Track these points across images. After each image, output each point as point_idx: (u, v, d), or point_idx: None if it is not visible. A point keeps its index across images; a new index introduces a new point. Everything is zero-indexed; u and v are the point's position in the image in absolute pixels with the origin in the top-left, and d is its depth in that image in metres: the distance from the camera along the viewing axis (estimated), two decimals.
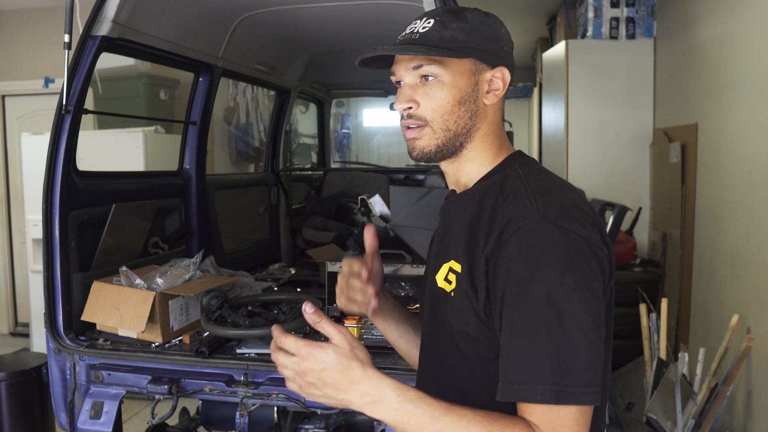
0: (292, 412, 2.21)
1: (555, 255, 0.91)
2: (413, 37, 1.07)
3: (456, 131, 1.07)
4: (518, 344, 0.90)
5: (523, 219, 0.94)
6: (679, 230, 3.99)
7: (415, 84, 1.08)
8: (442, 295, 1.05)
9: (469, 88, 1.07)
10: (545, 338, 0.88)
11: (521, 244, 0.92)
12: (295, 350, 0.94)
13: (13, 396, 3.02)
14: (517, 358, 0.90)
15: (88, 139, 3.91)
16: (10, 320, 5.91)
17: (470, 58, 1.06)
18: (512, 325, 0.92)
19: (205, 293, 2.17)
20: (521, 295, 0.91)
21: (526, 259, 0.92)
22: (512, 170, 1.06)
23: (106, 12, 2.17)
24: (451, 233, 1.08)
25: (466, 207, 1.07)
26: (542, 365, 0.88)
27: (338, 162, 8.46)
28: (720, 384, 2.79)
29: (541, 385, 0.88)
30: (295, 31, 3.18)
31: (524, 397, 0.89)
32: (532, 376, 0.88)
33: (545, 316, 0.89)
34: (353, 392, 0.93)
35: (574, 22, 5.18)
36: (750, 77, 2.99)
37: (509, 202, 0.99)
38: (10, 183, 5.85)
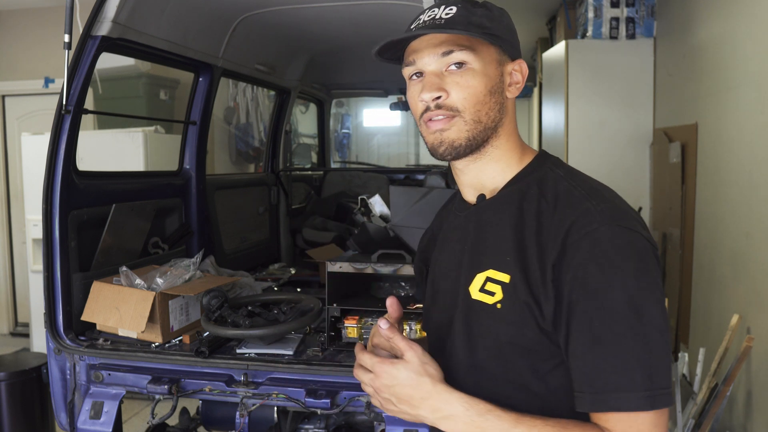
0: (292, 412, 2.21)
1: (630, 258, 0.88)
2: (438, 23, 0.99)
3: (486, 124, 1.01)
4: (603, 353, 0.87)
5: (590, 223, 0.90)
6: (679, 230, 3.99)
7: (441, 72, 1.00)
8: (481, 307, 0.98)
9: (497, 77, 1.02)
10: (631, 344, 0.86)
11: (593, 250, 0.88)
12: (370, 367, 0.96)
13: (13, 396, 3.02)
14: (604, 367, 0.87)
15: (88, 139, 3.92)
16: (10, 320, 5.91)
17: (497, 47, 1.02)
18: (593, 334, 0.87)
19: (205, 293, 2.17)
20: (600, 301, 0.87)
21: (601, 264, 0.88)
22: (548, 171, 1.01)
23: (106, 12, 2.17)
24: (487, 241, 1.01)
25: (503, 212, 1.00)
26: (632, 372, 0.85)
27: (338, 162, 8.46)
28: (720, 384, 2.79)
29: (634, 392, 0.85)
30: (295, 31, 3.18)
31: (616, 406, 0.85)
32: (623, 384, 0.85)
33: (628, 322, 0.86)
34: (425, 408, 0.93)
35: (574, 22, 5.18)
36: (750, 77, 2.99)
37: (562, 205, 0.94)
38: (10, 183, 5.85)
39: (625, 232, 0.89)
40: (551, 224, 0.93)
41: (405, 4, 2.49)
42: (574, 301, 0.89)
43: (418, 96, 1.01)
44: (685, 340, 3.91)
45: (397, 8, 2.59)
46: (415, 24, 1.03)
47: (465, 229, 1.07)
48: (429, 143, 1.03)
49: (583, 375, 0.88)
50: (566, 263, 0.90)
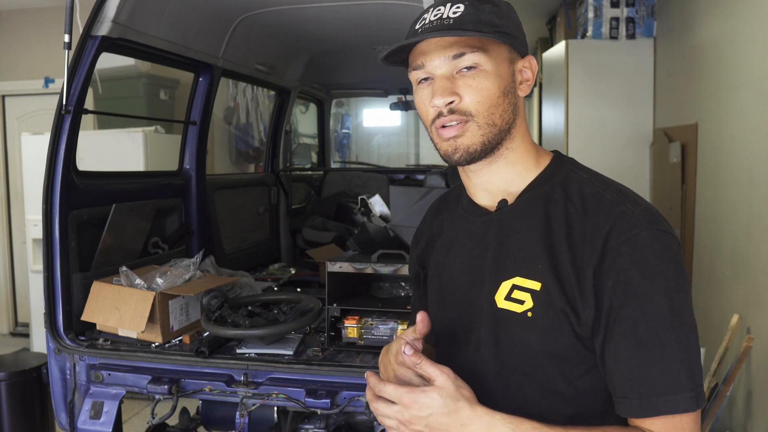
0: (292, 412, 2.21)
1: (669, 261, 0.88)
2: (446, 23, 0.93)
3: (501, 126, 0.97)
4: (648, 357, 0.86)
5: (631, 228, 0.89)
6: (679, 230, 3.99)
7: (451, 75, 0.95)
8: (510, 316, 0.95)
9: (509, 77, 0.98)
10: (675, 347, 0.86)
11: (635, 254, 0.87)
12: (396, 398, 0.88)
13: (13, 396, 3.02)
14: (650, 372, 0.86)
15: (88, 139, 3.91)
16: (10, 320, 5.91)
17: (508, 45, 0.98)
18: (638, 339, 0.86)
19: (205, 293, 2.17)
20: (644, 306, 0.87)
21: (644, 269, 0.87)
22: (570, 173, 0.98)
23: (106, 12, 2.17)
24: (512, 248, 0.97)
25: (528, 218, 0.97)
26: (678, 374, 0.86)
27: (338, 162, 8.45)
28: (720, 384, 2.78)
29: (681, 394, 0.85)
30: (295, 31, 3.18)
31: (666, 409, 0.85)
32: (670, 387, 0.85)
33: (672, 325, 0.86)
34: None
35: (574, 22, 5.18)
36: (750, 77, 2.99)
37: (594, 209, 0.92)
38: (10, 183, 5.85)
39: (663, 236, 0.89)
40: (584, 228, 0.91)
41: (405, 4, 2.49)
42: (617, 306, 0.87)
43: (428, 101, 0.96)
44: None
45: (397, 8, 2.58)
46: (421, 24, 0.97)
47: (485, 235, 1.02)
48: (442, 151, 0.98)
49: (627, 380, 0.87)
50: (607, 268, 0.88)
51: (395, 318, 2.08)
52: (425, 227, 1.21)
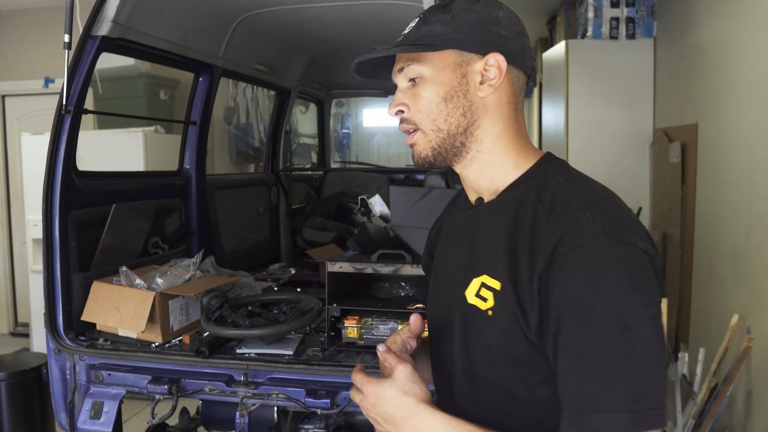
0: (292, 412, 2.21)
1: (620, 273, 0.83)
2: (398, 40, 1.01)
3: (449, 130, 0.99)
4: (587, 372, 0.83)
5: (581, 235, 0.85)
6: (679, 230, 3.99)
7: (406, 87, 1.02)
8: (476, 313, 0.96)
9: (454, 82, 0.98)
10: (617, 363, 0.82)
11: (582, 264, 0.84)
12: (360, 387, 0.96)
13: (13, 396, 3.02)
14: (587, 387, 0.83)
15: (88, 139, 3.91)
16: (10, 320, 5.91)
17: (452, 50, 0.98)
18: (578, 352, 0.84)
19: (205, 293, 2.17)
20: (586, 318, 0.83)
21: (589, 279, 0.84)
22: (549, 176, 0.96)
23: (106, 12, 2.17)
24: (482, 246, 0.99)
25: (499, 218, 0.97)
26: (616, 393, 0.81)
27: (338, 162, 8.46)
28: (720, 384, 2.79)
29: (617, 414, 0.81)
30: (295, 31, 3.18)
31: (598, 427, 0.82)
32: (606, 405, 0.81)
33: (615, 340, 0.82)
34: (405, 428, 0.92)
35: (574, 22, 5.18)
36: (750, 77, 2.99)
37: (557, 215, 0.90)
38: (10, 183, 5.85)
39: (617, 246, 0.84)
40: (544, 233, 0.89)
41: (405, 4, 2.49)
42: (562, 316, 0.85)
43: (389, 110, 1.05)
44: (685, 340, 3.91)
45: (397, 8, 2.59)
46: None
47: (463, 232, 1.05)
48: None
49: (566, 394, 0.85)
50: (554, 276, 0.86)
51: (395, 318, 2.08)
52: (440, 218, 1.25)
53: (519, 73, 1.02)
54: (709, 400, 2.80)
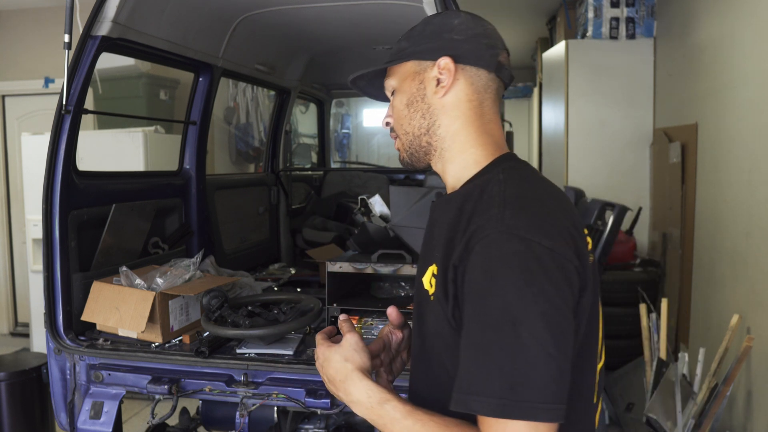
0: (292, 412, 2.21)
1: (513, 267, 0.88)
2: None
3: (414, 132, 1.11)
4: (472, 355, 0.89)
5: (487, 228, 0.91)
6: (679, 230, 3.99)
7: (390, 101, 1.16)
8: (425, 297, 1.04)
9: (413, 89, 1.10)
10: (497, 351, 0.86)
11: (482, 255, 0.90)
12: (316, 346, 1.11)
13: (13, 396, 3.02)
14: (470, 369, 0.89)
15: (88, 139, 3.91)
16: (10, 320, 5.91)
17: (410, 61, 1.10)
18: (468, 336, 0.90)
19: (205, 293, 2.17)
20: (478, 306, 0.89)
21: (485, 270, 0.89)
22: (494, 174, 1.02)
23: (106, 12, 2.17)
24: (435, 236, 1.06)
25: (449, 210, 1.04)
26: (490, 378, 0.86)
27: (338, 162, 8.45)
28: (720, 384, 2.79)
29: (488, 398, 0.85)
30: (295, 31, 3.18)
31: (471, 407, 0.87)
32: (481, 388, 0.86)
33: (500, 329, 0.86)
34: (342, 390, 1.04)
35: (574, 22, 5.19)
36: (750, 77, 2.99)
37: (482, 210, 0.96)
38: (10, 183, 5.85)
39: (515, 241, 0.88)
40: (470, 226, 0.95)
41: (405, 4, 2.49)
42: (464, 302, 0.92)
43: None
44: (685, 340, 3.91)
45: (397, 8, 2.59)
46: None
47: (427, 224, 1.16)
48: None
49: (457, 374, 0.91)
50: (465, 265, 0.92)
51: None
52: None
53: (479, 72, 1.08)
54: (709, 400, 2.81)
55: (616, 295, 3.92)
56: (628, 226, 4.34)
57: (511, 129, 5.67)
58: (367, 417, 1.01)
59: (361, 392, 1.01)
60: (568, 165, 4.85)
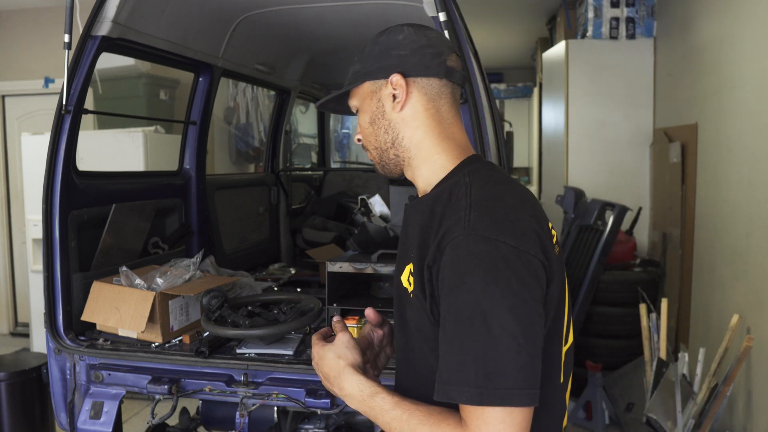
0: (292, 412, 2.21)
1: (479, 266, 0.95)
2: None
3: (381, 147, 1.17)
4: (449, 349, 0.96)
5: (455, 230, 0.98)
6: (679, 230, 3.99)
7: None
8: (405, 294, 1.11)
9: (373, 107, 1.16)
10: (471, 344, 0.93)
11: (452, 256, 0.97)
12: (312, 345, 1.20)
13: (13, 396, 3.02)
14: (448, 361, 0.96)
15: (88, 139, 3.92)
16: (10, 320, 5.91)
17: (365, 82, 1.16)
18: (444, 331, 0.97)
19: (205, 293, 2.17)
20: (451, 303, 0.96)
21: (454, 269, 0.96)
22: (460, 177, 1.08)
23: (106, 12, 2.17)
24: (409, 237, 1.13)
25: (420, 212, 1.11)
26: (467, 369, 0.93)
27: (338, 162, 8.45)
28: (720, 384, 2.79)
29: (466, 387, 0.93)
30: (295, 31, 3.18)
31: (452, 397, 0.94)
32: (458, 378, 0.94)
33: (471, 324, 0.93)
34: (336, 385, 1.12)
35: (574, 22, 5.19)
36: (750, 77, 2.99)
37: (450, 212, 1.02)
38: (10, 183, 5.85)
39: (481, 241, 0.96)
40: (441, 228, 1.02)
41: (405, 4, 2.49)
42: (439, 299, 0.99)
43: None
44: (685, 340, 3.91)
45: (397, 8, 2.59)
46: None
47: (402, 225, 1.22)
48: None
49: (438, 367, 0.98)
50: (437, 266, 1.00)
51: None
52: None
53: (430, 81, 1.14)
54: (709, 400, 2.80)
55: (616, 295, 3.92)
56: (628, 226, 4.34)
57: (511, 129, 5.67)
58: (359, 409, 1.08)
59: (353, 386, 1.08)
60: (568, 165, 4.85)
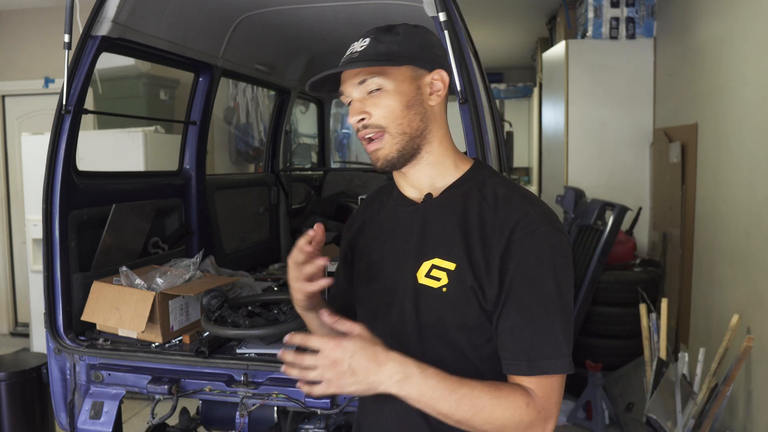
0: (292, 412, 2.21)
1: (558, 254, 1.08)
2: (353, 57, 1.17)
3: (411, 134, 1.16)
4: (538, 328, 1.06)
5: (531, 224, 1.08)
6: (679, 230, 3.99)
7: (363, 98, 1.17)
8: (427, 291, 1.13)
9: (413, 92, 1.16)
10: (559, 322, 1.06)
11: (534, 246, 1.07)
12: (322, 345, 1.04)
13: (13, 396, 3.02)
14: (538, 340, 1.06)
15: (88, 139, 3.91)
16: (10, 320, 5.91)
17: (408, 65, 1.16)
18: (531, 314, 1.06)
19: (205, 293, 2.17)
20: (537, 287, 1.06)
21: (540, 258, 1.07)
22: (486, 178, 1.18)
23: (106, 12, 2.17)
24: (432, 234, 1.16)
25: (447, 211, 1.16)
26: (560, 344, 1.06)
27: (338, 162, 8.45)
28: (720, 384, 2.79)
29: (561, 359, 1.05)
30: (295, 31, 3.18)
31: (548, 370, 1.05)
32: (554, 352, 1.05)
33: (558, 304, 1.07)
34: (382, 373, 1.02)
35: (574, 22, 5.19)
36: (750, 77, 2.99)
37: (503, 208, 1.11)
38: (10, 183, 5.85)
39: (556, 233, 1.09)
40: (494, 222, 1.10)
41: (405, 4, 2.49)
42: (515, 286, 1.07)
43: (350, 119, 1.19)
44: (685, 340, 3.91)
45: (397, 8, 2.58)
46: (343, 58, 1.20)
47: (411, 222, 1.20)
48: (371, 160, 1.19)
49: (519, 347, 1.07)
50: (510, 255, 1.08)
51: None
52: (358, 215, 1.39)
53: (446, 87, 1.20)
54: (709, 400, 2.81)
55: (616, 295, 3.92)
56: (628, 226, 4.34)
57: (511, 129, 5.67)
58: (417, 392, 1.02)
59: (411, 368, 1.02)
60: (568, 165, 4.85)
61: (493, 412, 1.03)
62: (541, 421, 1.05)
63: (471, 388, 1.03)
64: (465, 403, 1.02)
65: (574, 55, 4.78)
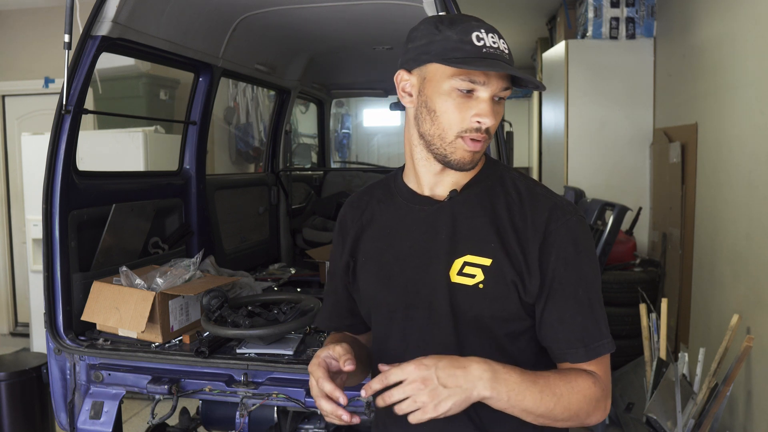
0: (292, 412, 2.21)
1: (590, 239, 1.15)
2: (506, 57, 1.08)
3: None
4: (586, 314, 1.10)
5: (564, 214, 1.12)
6: (679, 230, 3.99)
7: (492, 101, 1.09)
8: (463, 288, 1.12)
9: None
10: (598, 305, 1.12)
11: (570, 235, 1.11)
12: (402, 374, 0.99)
13: (13, 396, 3.02)
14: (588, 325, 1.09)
15: (88, 139, 3.91)
16: (10, 320, 5.91)
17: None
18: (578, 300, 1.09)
19: (205, 293, 2.17)
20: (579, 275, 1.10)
21: (577, 246, 1.11)
22: (504, 173, 1.20)
23: (106, 12, 2.17)
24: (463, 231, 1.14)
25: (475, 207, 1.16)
26: (602, 326, 1.11)
27: (338, 162, 8.46)
28: (720, 384, 2.78)
29: (608, 338, 1.11)
30: (295, 31, 3.18)
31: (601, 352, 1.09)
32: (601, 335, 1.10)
33: (596, 287, 1.12)
34: (471, 375, 0.99)
35: (574, 22, 5.18)
36: (750, 77, 2.99)
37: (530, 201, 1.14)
38: (10, 183, 5.85)
39: (583, 220, 1.15)
40: (524, 214, 1.12)
41: (405, 4, 2.49)
42: (558, 276, 1.10)
43: (469, 113, 1.07)
44: (685, 340, 3.91)
45: (397, 8, 2.59)
46: (481, 43, 1.06)
47: (436, 221, 1.17)
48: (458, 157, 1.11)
49: (573, 335, 1.09)
50: (549, 246, 1.10)
51: None
52: (352, 221, 1.32)
53: None
54: (709, 400, 2.80)
55: (616, 295, 3.92)
56: (628, 226, 4.34)
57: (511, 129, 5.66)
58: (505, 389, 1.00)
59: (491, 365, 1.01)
60: (568, 165, 4.85)
61: (570, 398, 1.05)
62: (604, 399, 1.10)
63: (546, 378, 1.05)
64: (547, 393, 1.03)
65: (574, 55, 4.78)
